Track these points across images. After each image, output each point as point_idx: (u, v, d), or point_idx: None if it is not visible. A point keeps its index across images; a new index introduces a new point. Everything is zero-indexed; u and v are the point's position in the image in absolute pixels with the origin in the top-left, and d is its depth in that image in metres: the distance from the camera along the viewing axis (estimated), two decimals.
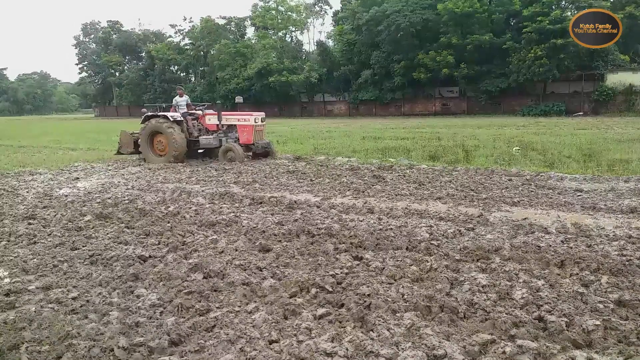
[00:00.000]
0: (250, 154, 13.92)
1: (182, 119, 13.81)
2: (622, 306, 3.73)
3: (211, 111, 14.46)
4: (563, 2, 41.13)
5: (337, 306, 3.90)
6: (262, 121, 13.69)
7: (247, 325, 3.58)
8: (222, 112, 13.85)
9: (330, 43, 65.63)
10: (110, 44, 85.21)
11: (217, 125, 13.90)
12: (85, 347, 3.31)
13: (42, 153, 17.61)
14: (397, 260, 4.86)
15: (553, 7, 40.48)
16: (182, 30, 79.87)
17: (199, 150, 14.40)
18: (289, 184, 9.84)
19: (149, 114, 14.17)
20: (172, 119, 13.56)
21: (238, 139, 13.59)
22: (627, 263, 4.60)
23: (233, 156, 13.06)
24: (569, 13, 40.94)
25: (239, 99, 14.95)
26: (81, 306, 4.01)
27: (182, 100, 14.74)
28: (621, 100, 39.39)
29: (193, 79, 78.50)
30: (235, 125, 13.66)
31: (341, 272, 4.56)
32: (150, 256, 5.24)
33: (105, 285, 4.47)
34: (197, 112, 14.60)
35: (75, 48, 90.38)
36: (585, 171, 10.39)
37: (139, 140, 14.15)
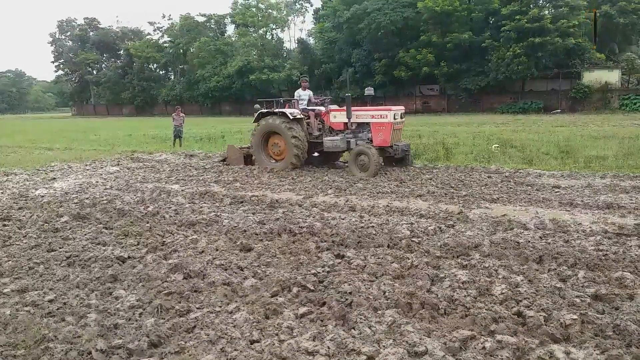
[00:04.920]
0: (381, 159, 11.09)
1: (302, 116, 11.50)
2: (598, 300, 3.80)
3: (336, 106, 11.96)
4: (541, 1, 41.74)
5: (319, 305, 3.90)
6: (401, 117, 10.94)
7: (228, 325, 3.55)
8: (352, 107, 11.10)
9: (311, 41, 65.58)
10: (87, 42, 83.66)
11: (345, 123, 11.22)
12: (62, 350, 3.25)
13: (17, 153, 17.24)
14: (379, 258, 4.88)
15: (531, 5, 41.04)
16: (161, 27, 78.86)
17: (314, 154, 12.06)
18: (270, 182, 9.80)
19: (264, 110, 11.91)
20: (291, 117, 11.21)
21: (371, 140, 10.82)
22: (603, 258, 4.69)
23: (367, 162, 10.28)
24: (547, 12, 41.53)
25: (369, 91, 11.63)
26: (58, 309, 3.93)
27: (304, 93, 12.21)
28: (597, 98, 40.15)
29: (172, 77, 77.73)
30: (368, 123, 10.90)
31: (323, 271, 4.55)
32: (129, 257, 5.17)
33: (82, 287, 4.39)
34: (320, 107, 12.04)
35: (51, 45, 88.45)
36: (562, 168, 10.56)
37: (251, 147, 12.20)
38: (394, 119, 10.51)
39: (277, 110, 11.66)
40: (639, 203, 7.06)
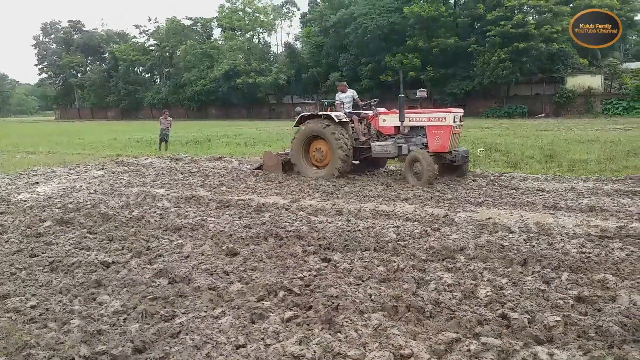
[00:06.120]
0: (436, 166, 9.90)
1: (347, 119, 10.66)
2: (581, 302, 3.84)
3: (383, 109, 10.97)
4: (525, 7, 42.28)
5: (305, 309, 3.89)
6: (460, 121, 9.97)
7: (214, 330, 3.53)
8: (405, 109, 10.09)
9: (298, 45, 65.73)
10: (72, 45, 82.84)
11: (396, 127, 10.33)
12: (45, 357, 3.20)
13: None
14: (365, 261, 4.89)
15: (515, 11, 41.57)
16: (147, 30, 78.51)
17: (354, 161, 11.00)
18: (256, 186, 9.77)
19: (306, 113, 11.08)
20: (337, 120, 10.36)
21: (426, 146, 9.91)
22: (586, 260, 4.75)
23: (421, 170, 9.37)
24: (531, 17, 42.11)
25: (421, 92, 10.55)
26: (40, 315, 3.87)
27: (346, 96, 11.43)
28: (580, 103, 40.76)
29: (158, 80, 77.28)
30: (422, 127, 9.96)
31: (309, 275, 4.55)
32: (113, 262, 5.11)
33: (66, 292, 4.34)
34: (367, 111, 11.15)
35: (35, 48, 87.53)
36: (546, 171, 10.69)
37: (291, 153, 11.15)
38: (454, 122, 9.53)
39: (321, 112, 10.82)
40: (621, 206, 7.18)
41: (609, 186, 8.73)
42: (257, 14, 65.67)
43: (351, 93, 11.53)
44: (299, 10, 72.64)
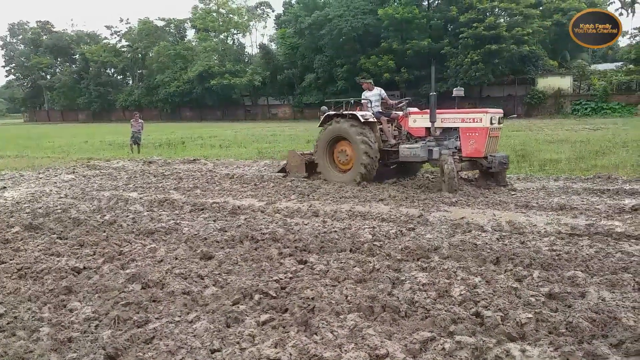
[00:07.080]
0: (473, 174, 9.72)
1: (374, 120, 9.98)
2: (552, 299, 3.91)
3: (415, 109, 10.29)
4: (496, 10, 43.09)
5: (281, 311, 3.87)
6: (499, 122, 9.08)
7: (188, 335, 3.48)
8: (438, 110, 9.41)
9: (273, 46, 65.62)
10: (41, 45, 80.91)
11: (427, 128, 9.56)
12: None
13: None
14: (341, 262, 4.89)
15: (487, 14, 42.32)
16: (119, 31, 77.38)
17: (389, 166, 10.49)
18: (232, 189, 9.70)
19: (331, 112, 10.40)
20: (363, 120, 9.68)
21: (459, 149, 9.24)
22: (556, 257, 4.84)
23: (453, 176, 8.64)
24: (502, 20, 42.94)
25: (458, 91, 9.84)
26: (8, 323, 3.76)
27: (373, 95, 10.67)
28: (551, 103, 41.78)
29: (131, 82, 76.14)
30: (456, 128, 9.27)
31: (285, 277, 4.53)
32: (84, 267, 5.00)
33: (35, 300, 4.22)
34: (397, 112, 10.52)
35: (2, 49, 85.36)
36: (518, 171, 10.89)
37: (315, 157, 10.57)
38: (491, 123, 8.73)
39: (346, 112, 10.11)
40: (590, 204, 7.36)
41: (579, 185, 8.94)
42: (231, 15, 65.42)
43: (378, 91, 10.75)
44: (273, 11, 72.66)
